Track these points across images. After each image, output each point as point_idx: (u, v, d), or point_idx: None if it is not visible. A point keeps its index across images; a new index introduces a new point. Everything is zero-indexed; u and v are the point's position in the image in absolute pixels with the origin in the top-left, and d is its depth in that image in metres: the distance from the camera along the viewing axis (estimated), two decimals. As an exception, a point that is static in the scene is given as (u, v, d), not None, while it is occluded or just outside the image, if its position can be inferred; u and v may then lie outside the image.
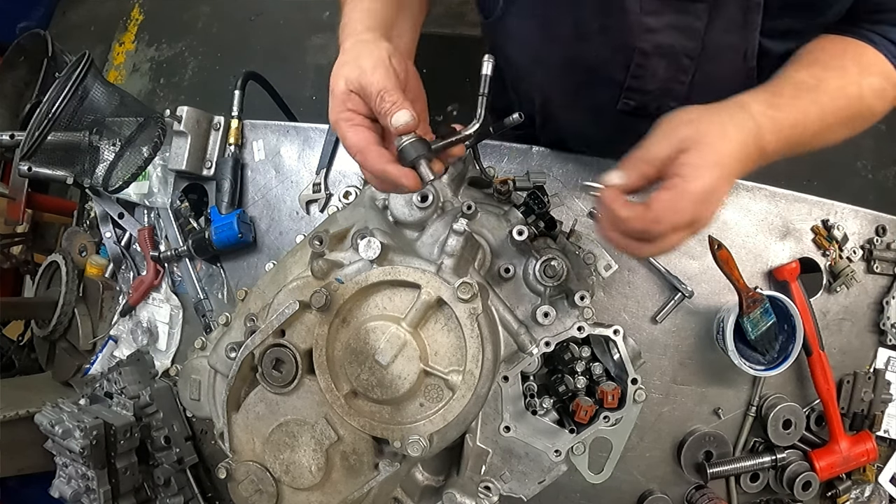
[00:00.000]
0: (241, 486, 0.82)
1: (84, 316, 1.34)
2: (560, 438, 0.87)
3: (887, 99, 0.82)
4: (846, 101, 0.78)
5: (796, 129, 0.74)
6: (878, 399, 1.11)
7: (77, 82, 1.06)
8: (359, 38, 0.79)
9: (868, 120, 0.82)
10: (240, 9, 3.06)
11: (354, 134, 0.73)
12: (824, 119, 0.76)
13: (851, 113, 0.79)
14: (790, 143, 0.75)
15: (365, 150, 0.72)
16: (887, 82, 0.81)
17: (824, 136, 0.79)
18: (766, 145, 0.72)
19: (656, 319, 1.12)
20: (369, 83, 0.71)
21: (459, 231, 0.80)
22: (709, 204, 0.68)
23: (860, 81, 0.79)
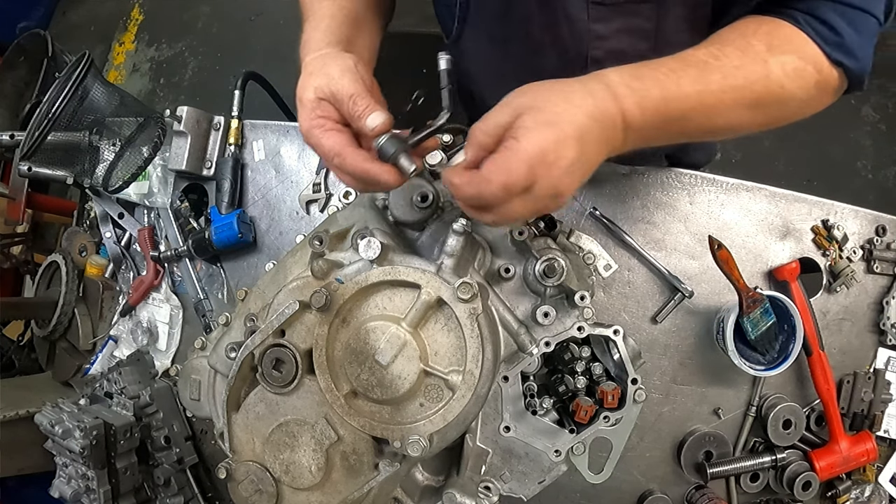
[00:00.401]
0: (241, 486, 0.82)
1: (84, 316, 1.34)
2: (560, 438, 0.87)
3: (807, 79, 0.74)
4: (744, 79, 0.72)
5: (668, 102, 0.69)
6: (878, 399, 1.11)
7: (77, 82, 1.06)
8: (320, 52, 0.80)
9: (786, 103, 0.75)
10: (240, 9, 3.06)
11: (329, 138, 0.73)
12: (709, 94, 0.71)
13: (754, 93, 0.73)
14: (664, 116, 0.69)
15: (342, 152, 0.72)
16: (805, 62, 0.74)
17: (716, 114, 0.73)
18: (627, 113, 0.67)
19: (656, 319, 1.13)
20: (339, 89, 0.73)
21: (459, 231, 0.80)
22: (546, 165, 0.63)
23: (767, 59, 0.73)
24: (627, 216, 1.14)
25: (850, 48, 0.75)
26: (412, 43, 1.07)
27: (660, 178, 1.14)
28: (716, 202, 1.13)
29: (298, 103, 0.77)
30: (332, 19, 0.87)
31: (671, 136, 0.75)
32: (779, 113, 0.77)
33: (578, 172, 0.66)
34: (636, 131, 0.69)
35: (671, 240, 1.13)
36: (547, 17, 0.90)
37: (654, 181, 1.14)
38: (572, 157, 0.64)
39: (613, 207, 1.14)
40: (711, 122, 0.74)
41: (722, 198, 1.13)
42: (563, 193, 0.66)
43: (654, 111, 0.69)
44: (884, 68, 2.32)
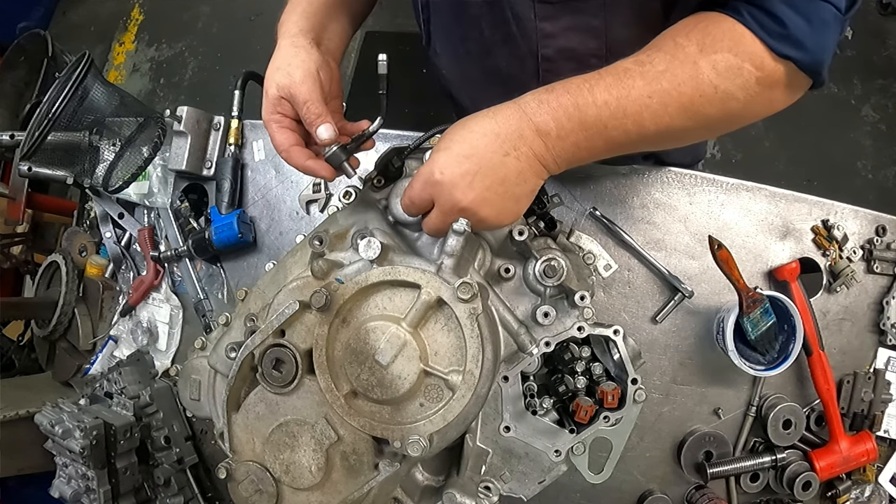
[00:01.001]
0: (241, 486, 0.82)
1: (84, 316, 1.34)
2: (560, 438, 0.87)
3: (745, 78, 0.71)
4: (670, 83, 0.70)
5: (581, 109, 0.71)
6: (878, 399, 1.11)
7: (77, 82, 1.06)
8: (292, 40, 0.89)
9: (724, 104, 0.72)
10: (240, 9, 3.06)
11: (280, 135, 0.85)
12: (630, 101, 0.70)
13: (684, 95, 0.71)
14: (581, 122, 0.71)
15: (289, 150, 0.85)
16: (742, 59, 0.70)
17: (644, 120, 0.72)
18: (540, 124, 0.72)
19: (656, 319, 1.13)
20: (298, 93, 0.83)
21: (459, 231, 0.80)
22: (436, 182, 0.74)
23: (697, 60, 0.70)
24: (627, 216, 1.14)
25: (797, 39, 0.69)
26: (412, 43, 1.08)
27: (660, 178, 1.14)
28: (716, 202, 1.13)
29: (264, 93, 0.87)
30: (309, 4, 0.96)
31: (604, 145, 0.75)
32: (720, 114, 0.74)
33: (480, 184, 0.73)
34: (557, 141, 0.73)
35: (671, 240, 1.13)
36: (495, 16, 0.92)
37: (654, 181, 1.14)
38: (461, 171, 0.72)
39: (613, 207, 1.14)
40: (641, 129, 0.72)
41: (722, 198, 1.13)
42: (470, 207, 0.74)
43: (569, 118, 0.71)
44: (884, 68, 2.32)
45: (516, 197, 0.75)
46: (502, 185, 0.73)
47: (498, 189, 0.73)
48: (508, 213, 0.76)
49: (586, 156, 0.76)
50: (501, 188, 0.73)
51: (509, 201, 0.75)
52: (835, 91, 2.35)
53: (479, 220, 0.75)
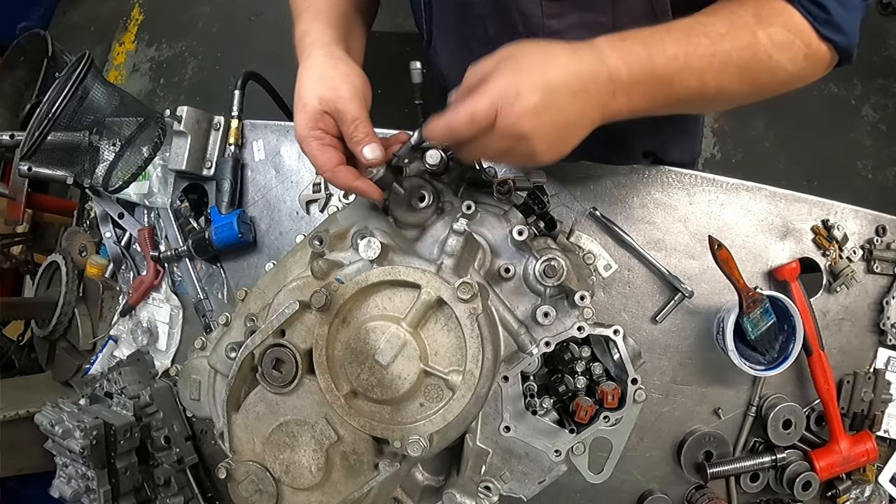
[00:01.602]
0: (241, 486, 0.82)
1: (84, 316, 1.34)
2: (560, 438, 0.87)
3: (795, 52, 0.76)
4: (731, 45, 0.74)
5: (654, 59, 0.72)
6: (878, 399, 1.11)
7: (77, 82, 1.06)
8: (329, 50, 0.84)
9: (775, 73, 0.77)
10: (240, 9, 3.06)
11: (324, 153, 0.79)
12: (696, 57, 0.73)
13: (742, 59, 0.75)
14: (651, 73, 0.72)
15: (335, 170, 0.79)
16: (794, 35, 0.76)
17: (706, 77, 0.74)
18: (614, 71, 0.71)
19: (656, 319, 1.13)
20: (346, 110, 0.78)
21: (459, 231, 0.80)
22: (508, 104, 0.68)
23: (755, 30, 0.74)
24: (627, 216, 1.14)
25: (838, 24, 0.76)
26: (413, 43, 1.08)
27: (660, 178, 1.14)
28: (716, 202, 1.13)
29: (299, 104, 0.80)
30: (330, 12, 0.91)
31: (665, 98, 0.75)
32: (769, 81, 0.79)
33: (548, 118, 0.69)
34: (626, 90, 0.72)
35: (671, 240, 1.13)
36: (501, 15, 0.91)
37: (654, 181, 1.14)
38: (535, 100, 0.67)
39: (613, 207, 1.14)
40: (702, 85, 0.75)
41: (722, 198, 1.13)
42: (530, 137, 0.69)
43: (640, 68, 0.71)
44: (884, 68, 2.32)
45: (570, 139, 0.73)
46: (565, 126, 0.71)
47: (560, 128, 0.71)
48: (556, 154, 0.74)
49: (646, 107, 0.75)
50: (563, 129, 0.71)
51: (563, 142, 0.73)
52: (835, 91, 2.35)
53: (529, 152, 0.71)
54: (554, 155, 0.73)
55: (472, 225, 0.86)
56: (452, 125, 0.71)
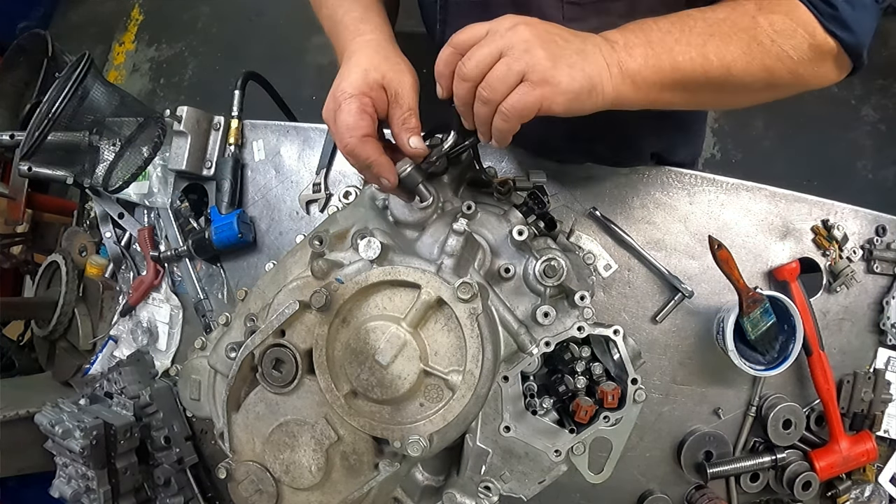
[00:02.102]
0: (241, 486, 0.82)
1: (84, 316, 1.34)
2: (560, 438, 0.87)
3: (799, 40, 0.76)
4: (731, 26, 0.75)
5: (649, 31, 0.75)
6: (878, 399, 1.11)
7: (77, 82, 1.06)
8: (390, 36, 0.86)
9: (777, 57, 0.77)
10: (240, 9, 3.06)
11: (361, 117, 0.78)
12: (694, 33, 0.75)
13: (743, 39, 0.75)
14: (647, 40, 0.74)
15: (365, 137, 0.78)
16: (797, 24, 0.76)
17: (705, 49, 0.75)
18: (608, 35, 0.75)
19: (656, 319, 1.12)
20: (406, 96, 0.79)
21: (459, 231, 0.80)
22: (516, 34, 0.69)
23: (755, 15, 0.76)
24: (627, 216, 1.14)
25: (844, 20, 0.76)
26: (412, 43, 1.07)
27: (660, 178, 1.14)
28: (716, 202, 1.13)
29: (355, 67, 0.80)
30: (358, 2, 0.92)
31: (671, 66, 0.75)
32: (777, 67, 0.78)
33: (541, 27, 0.71)
34: (624, 48, 0.74)
35: (671, 240, 1.13)
36: None
37: (654, 181, 1.14)
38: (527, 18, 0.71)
39: (613, 207, 1.14)
40: (705, 60, 0.75)
41: (722, 198, 1.13)
42: (524, 36, 0.70)
43: (634, 34, 0.75)
44: (884, 68, 2.32)
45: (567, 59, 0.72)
46: (564, 41, 0.72)
47: (558, 41, 0.72)
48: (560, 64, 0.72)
49: (652, 74, 0.75)
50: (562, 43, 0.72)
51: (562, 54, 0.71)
52: (835, 91, 2.35)
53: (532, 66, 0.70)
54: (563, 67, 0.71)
55: (472, 225, 0.86)
56: (446, 46, 0.73)
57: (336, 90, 0.80)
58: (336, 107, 0.79)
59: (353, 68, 0.80)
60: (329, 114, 0.81)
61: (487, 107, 0.73)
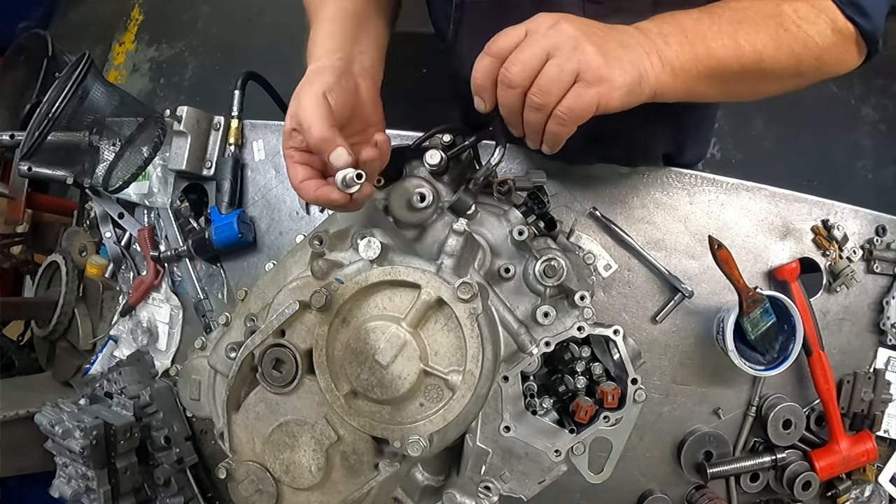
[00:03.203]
0: (241, 486, 0.82)
1: (84, 316, 1.34)
2: (560, 438, 0.87)
3: (822, 26, 0.78)
4: (756, 13, 0.76)
5: (681, 19, 0.75)
6: (878, 399, 1.11)
7: (77, 82, 1.06)
8: (315, 65, 0.82)
9: (806, 45, 0.78)
10: (240, 9, 3.06)
11: (294, 170, 0.77)
12: (724, 21, 0.75)
13: (770, 25, 0.77)
14: (680, 27, 0.74)
15: (300, 186, 0.76)
16: (819, 10, 0.78)
17: (736, 35, 0.75)
18: (641, 24, 0.75)
19: (656, 319, 1.12)
20: (303, 119, 0.74)
21: (459, 231, 0.80)
22: (560, 31, 0.67)
23: (779, 3, 0.77)
24: (627, 216, 1.14)
25: (862, 7, 0.78)
26: (413, 43, 1.07)
27: (660, 178, 1.14)
28: (716, 202, 1.13)
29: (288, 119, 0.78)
30: (334, 23, 0.88)
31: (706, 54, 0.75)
32: (804, 53, 0.79)
33: (583, 22, 0.69)
34: (658, 37, 0.73)
35: (671, 240, 1.13)
36: None
37: (654, 181, 1.14)
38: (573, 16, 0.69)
39: (613, 207, 1.14)
40: (737, 46, 0.75)
41: (722, 198, 1.13)
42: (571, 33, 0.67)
43: (667, 22, 0.75)
44: (884, 68, 2.32)
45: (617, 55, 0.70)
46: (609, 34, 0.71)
47: (603, 35, 0.71)
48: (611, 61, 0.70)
49: (691, 61, 0.74)
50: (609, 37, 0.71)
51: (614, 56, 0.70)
52: (835, 91, 2.34)
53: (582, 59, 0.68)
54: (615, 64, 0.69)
55: (472, 225, 0.86)
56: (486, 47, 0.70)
57: None
58: None
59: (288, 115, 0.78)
60: None
61: (541, 113, 0.70)
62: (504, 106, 0.72)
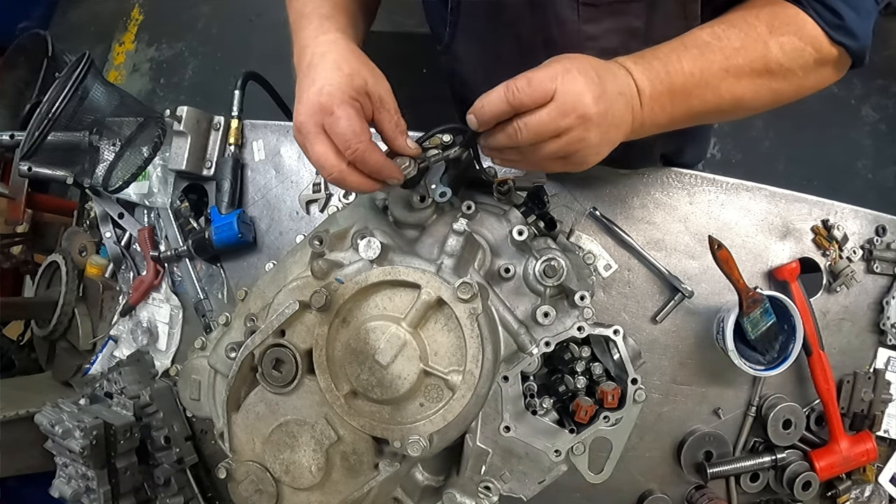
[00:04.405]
0: (241, 486, 0.82)
1: (84, 316, 1.34)
2: (560, 438, 0.87)
3: (806, 59, 0.80)
4: (745, 58, 0.78)
5: (672, 76, 0.76)
6: (878, 399, 1.11)
7: (77, 82, 1.06)
8: (349, 35, 0.83)
9: (786, 78, 0.81)
10: (240, 9, 3.06)
11: (362, 122, 0.73)
12: (711, 74, 0.77)
13: (756, 70, 0.79)
14: (670, 87, 0.76)
15: (371, 143, 0.73)
16: (805, 42, 0.79)
17: (721, 90, 0.79)
18: (638, 81, 0.75)
19: (656, 319, 1.12)
20: (391, 100, 0.78)
21: (459, 231, 0.80)
22: (568, 75, 0.68)
23: (767, 41, 0.78)
24: (627, 216, 1.14)
25: (850, 29, 0.79)
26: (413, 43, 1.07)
27: (660, 178, 1.14)
28: (716, 202, 1.13)
29: (334, 69, 0.75)
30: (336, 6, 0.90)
31: (684, 112, 0.79)
32: (783, 88, 0.82)
33: (603, 106, 0.70)
34: (649, 102, 0.76)
35: (671, 240, 1.13)
36: (538, 20, 0.91)
37: (654, 181, 1.14)
38: (594, 78, 0.69)
39: (613, 207, 1.14)
40: (718, 98, 0.79)
41: (722, 198, 1.13)
42: (590, 118, 0.68)
43: (660, 82, 0.76)
44: (884, 68, 2.32)
45: (611, 140, 0.74)
46: (614, 121, 0.72)
47: (610, 122, 0.72)
48: (598, 152, 0.74)
49: (667, 122, 0.79)
50: (612, 125, 0.72)
51: (607, 141, 0.73)
52: (835, 91, 2.34)
53: (583, 140, 0.70)
54: (599, 153, 0.74)
55: (472, 225, 0.86)
56: (509, 87, 0.68)
57: (318, 95, 0.72)
58: (325, 113, 0.72)
59: (331, 70, 0.75)
60: (312, 120, 0.73)
61: (518, 156, 0.75)
62: (493, 148, 0.76)
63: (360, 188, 0.76)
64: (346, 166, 0.73)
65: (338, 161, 0.73)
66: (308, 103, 0.73)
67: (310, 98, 0.73)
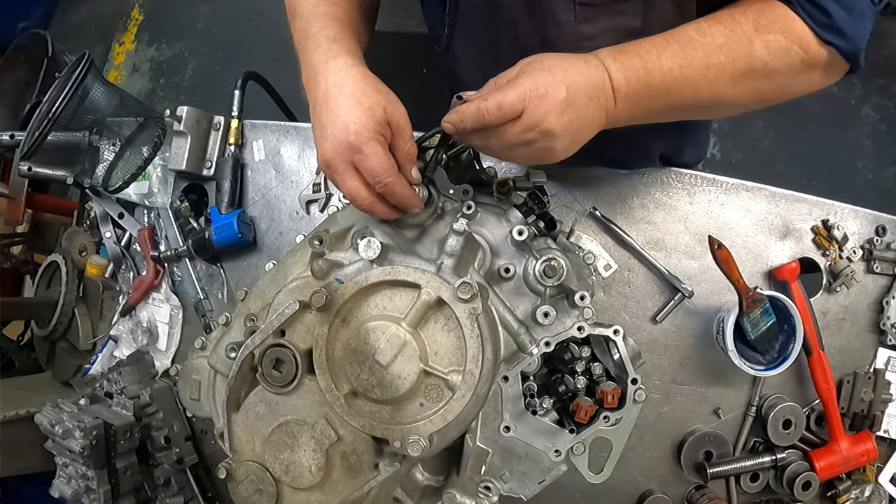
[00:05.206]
0: (241, 486, 0.82)
1: (84, 316, 1.34)
2: (560, 438, 0.87)
3: (792, 58, 0.78)
4: (727, 55, 0.77)
5: (650, 72, 0.76)
6: (878, 399, 1.11)
7: (77, 82, 1.06)
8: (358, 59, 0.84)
9: (770, 78, 0.79)
10: (240, 9, 3.06)
11: (388, 157, 0.78)
12: (691, 70, 0.77)
13: (737, 69, 0.77)
14: (647, 84, 0.77)
15: (399, 176, 0.79)
16: (791, 41, 0.77)
17: (701, 87, 0.78)
18: (614, 79, 0.76)
19: (656, 319, 1.12)
20: (407, 127, 0.81)
21: (459, 231, 0.80)
22: (537, 97, 0.72)
23: (752, 39, 0.77)
24: (627, 216, 1.14)
25: (840, 29, 0.77)
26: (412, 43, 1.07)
27: (660, 178, 1.14)
28: (716, 202, 1.13)
29: (354, 104, 0.77)
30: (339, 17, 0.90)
31: (662, 107, 0.80)
32: (767, 87, 0.81)
33: (568, 118, 0.73)
34: (624, 99, 0.77)
35: (671, 240, 1.13)
36: (535, 21, 0.91)
37: (654, 181, 1.14)
38: (562, 98, 0.72)
39: (613, 207, 1.14)
40: (697, 95, 0.79)
41: (722, 198, 1.13)
42: (553, 133, 0.73)
43: (637, 79, 0.76)
44: (883, 68, 2.32)
45: (581, 140, 0.78)
46: (581, 125, 0.76)
47: (577, 127, 0.75)
48: (569, 153, 0.78)
49: (645, 115, 0.80)
50: (580, 128, 0.76)
51: (576, 142, 0.77)
52: (835, 91, 2.35)
53: (548, 147, 0.75)
54: (567, 153, 0.77)
55: (472, 225, 0.86)
56: (480, 109, 0.73)
57: (345, 133, 0.76)
58: (354, 151, 0.76)
59: (353, 107, 0.77)
60: (341, 158, 0.77)
61: (490, 152, 0.79)
62: (470, 143, 0.82)
63: (387, 217, 0.83)
64: (375, 198, 0.80)
65: (368, 194, 0.79)
66: (335, 140, 0.77)
67: (336, 136, 0.77)
